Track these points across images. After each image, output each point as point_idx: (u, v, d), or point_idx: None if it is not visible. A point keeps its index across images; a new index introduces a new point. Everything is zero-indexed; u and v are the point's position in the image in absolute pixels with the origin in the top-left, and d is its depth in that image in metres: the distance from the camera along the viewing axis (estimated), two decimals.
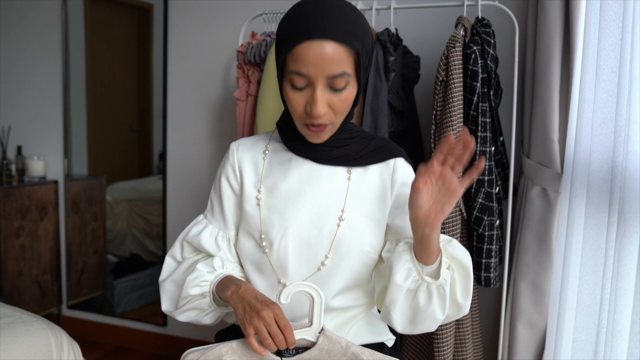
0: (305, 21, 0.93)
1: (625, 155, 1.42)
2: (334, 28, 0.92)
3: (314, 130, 1.00)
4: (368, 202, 1.08)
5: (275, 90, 1.74)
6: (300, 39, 0.93)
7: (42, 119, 2.67)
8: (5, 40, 2.71)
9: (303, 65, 0.93)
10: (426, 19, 1.91)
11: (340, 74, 0.94)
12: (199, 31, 2.28)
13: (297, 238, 1.06)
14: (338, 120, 1.02)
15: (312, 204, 1.07)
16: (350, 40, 0.93)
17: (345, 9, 0.96)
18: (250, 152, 1.14)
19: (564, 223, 1.55)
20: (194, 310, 1.08)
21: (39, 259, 2.59)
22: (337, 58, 0.93)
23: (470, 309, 1.70)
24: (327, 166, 1.08)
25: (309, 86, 0.96)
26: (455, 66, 1.53)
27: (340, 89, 0.96)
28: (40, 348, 1.45)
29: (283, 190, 1.08)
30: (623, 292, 1.43)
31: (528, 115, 1.68)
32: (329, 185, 1.08)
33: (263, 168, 1.11)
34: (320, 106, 0.95)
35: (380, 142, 1.12)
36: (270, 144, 1.14)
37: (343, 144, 1.07)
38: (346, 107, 0.99)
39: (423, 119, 1.90)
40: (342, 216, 1.06)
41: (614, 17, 1.41)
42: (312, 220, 1.06)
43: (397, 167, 1.09)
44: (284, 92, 0.99)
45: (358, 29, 0.95)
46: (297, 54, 0.93)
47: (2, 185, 2.46)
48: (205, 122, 2.32)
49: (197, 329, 2.42)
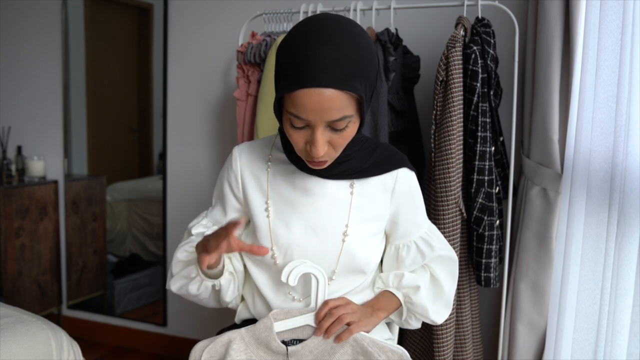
0: (304, 64, 0.87)
1: (625, 155, 1.42)
2: (332, 74, 0.87)
3: (315, 164, 0.99)
4: (370, 216, 1.10)
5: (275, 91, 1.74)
6: (298, 84, 0.88)
7: (42, 119, 2.67)
8: (5, 40, 2.71)
9: (302, 111, 0.90)
10: (426, 19, 1.91)
11: (341, 119, 0.91)
12: (199, 31, 2.28)
13: (301, 252, 1.07)
14: (339, 153, 1.00)
15: (315, 217, 1.07)
16: (351, 85, 0.89)
17: (346, 48, 0.88)
18: (253, 160, 1.13)
19: (564, 223, 1.55)
20: (183, 279, 1.09)
21: (39, 259, 2.59)
22: (337, 105, 0.89)
23: (470, 309, 1.70)
24: (332, 181, 1.08)
25: (309, 127, 0.93)
26: (455, 66, 1.53)
27: (341, 130, 0.94)
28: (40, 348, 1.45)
29: (287, 202, 1.08)
30: (623, 292, 1.43)
31: (528, 115, 1.68)
32: (332, 200, 1.08)
33: (267, 180, 1.11)
34: (320, 148, 0.93)
35: (384, 152, 1.11)
36: (272, 153, 1.13)
37: (346, 158, 1.06)
38: (347, 141, 0.98)
39: (423, 119, 1.90)
40: (346, 231, 1.07)
41: (614, 17, 1.41)
42: (317, 233, 1.07)
43: (399, 179, 1.10)
44: (284, 126, 0.97)
45: (360, 68, 0.90)
46: (296, 99, 0.89)
47: (2, 185, 2.46)
48: (205, 122, 2.32)
49: (197, 328, 2.42)
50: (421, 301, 1.13)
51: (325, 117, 0.90)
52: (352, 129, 0.96)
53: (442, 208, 1.56)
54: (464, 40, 1.58)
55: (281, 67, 0.92)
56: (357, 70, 0.90)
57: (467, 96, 1.57)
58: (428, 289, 1.15)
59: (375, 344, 1.02)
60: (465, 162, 1.61)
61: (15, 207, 2.45)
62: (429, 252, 1.14)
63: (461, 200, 1.58)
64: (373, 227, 1.10)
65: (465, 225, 1.65)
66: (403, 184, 1.11)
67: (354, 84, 0.89)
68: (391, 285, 1.15)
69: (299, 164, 1.07)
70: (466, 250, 1.67)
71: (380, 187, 1.10)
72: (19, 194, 2.47)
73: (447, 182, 1.55)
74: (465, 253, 1.67)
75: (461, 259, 1.66)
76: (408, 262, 1.14)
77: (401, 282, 1.13)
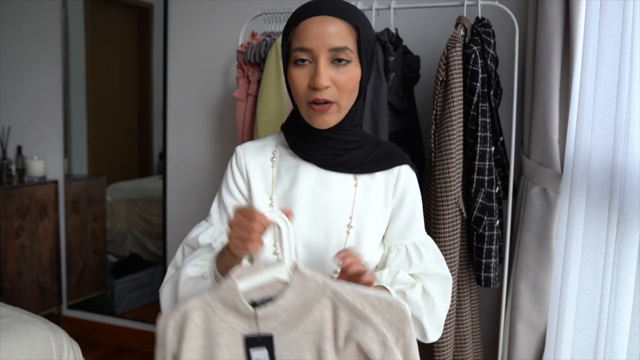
0: (307, 5, 1.00)
1: (625, 155, 1.42)
2: (334, 6, 0.98)
3: (318, 109, 0.99)
4: (373, 211, 1.09)
5: (275, 90, 1.74)
6: (302, 17, 0.98)
7: (42, 119, 2.67)
8: (5, 40, 2.71)
9: (305, 39, 0.97)
10: (426, 19, 1.91)
11: (342, 47, 0.97)
12: (199, 31, 2.28)
13: (305, 245, 1.06)
14: (343, 103, 1.01)
15: (319, 211, 1.07)
16: (350, 18, 0.97)
17: (345, 3, 1.01)
18: (257, 157, 1.12)
19: (564, 223, 1.55)
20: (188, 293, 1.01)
21: (39, 259, 2.58)
22: (339, 31, 0.96)
23: (470, 309, 1.70)
24: (334, 173, 1.08)
25: (312, 62, 0.98)
26: (455, 66, 1.53)
27: (343, 64, 0.98)
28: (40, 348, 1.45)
29: (292, 197, 1.08)
30: (623, 292, 1.43)
31: (528, 115, 1.68)
32: (336, 193, 1.08)
33: (272, 175, 1.10)
34: (323, 78, 0.96)
35: (386, 149, 1.11)
36: (277, 149, 1.13)
37: (350, 147, 1.06)
38: (350, 86, 1.00)
39: (423, 119, 1.90)
40: (350, 223, 1.07)
41: (614, 17, 1.41)
42: (320, 227, 1.06)
43: (401, 175, 1.09)
44: (289, 75, 1.01)
45: (358, 13, 1.00)
46: (300, 31, 0.98)
47: (2, 185, 2.46)
48: (205, 122, 2.32)
49: None
50: (416, 299, 1.04)
51: (327, 42, 0.96)
52: (354, 72, 0.99)
53: (442, 208, 1.56)
54: (464, 40, 1.58)
55: (288, 22, 1.02)
56: (356, 13, 1.00)
57: (467, 96, 1.57)
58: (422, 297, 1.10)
59: (358, 294, 0.87)
60: (465, 162, 1.61)
61: (15, 207, 2.45)
62: (417, 261, 1.08)
63: (461, 200, 1.58)
64: (375, 223, 1.09)
65: (465, 225, 1.65)
66: (405, 182, 1.10)
67: (352, 19, 0.98)
68: (384, 281, 1.06)
69: (302, 149, 1.07)
70: (466, 250, 1.67)
71: (383, 183, 1.09)
72: (19, 194, 2.47)
73: (447, 182, 1.54)
74: (465, 253, 1.67)
75: (461, 259, 1.66)
76: (393, 267, 1.09)
77: (396, 277, 1.06)
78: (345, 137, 1.06)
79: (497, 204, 1.62)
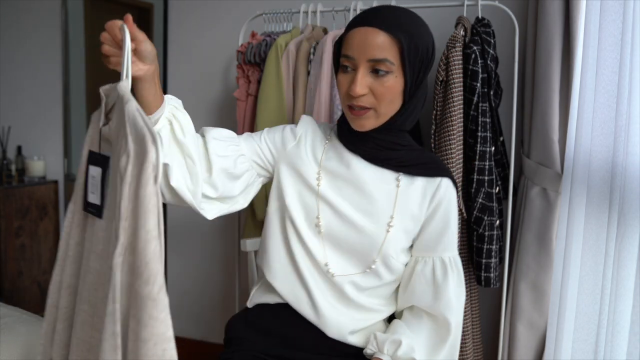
0: (360, 15, 1.04)
1: (625, 155, 1.42)
2: (380, 19, 1.00)
3: (355, 113, 1.04)
4: (410, 214, 1.10)
5: (275, 90, 1.74)
6: (352, 26, 1.03)
7: (42, 119, 2.67)
8: (5, 40, 2.71)
9: (349, 48, 1.02)
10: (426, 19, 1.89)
11: (382, 59, 0.99)
12: (199, 31, 2.28)
13: (346, 223, 1.09)
14: (382, 110, 1.04)
15: (363, 201, 1.09)
16: (395, 31, 0.99)
17: (401, 12, 1.03)
18: (315, 132, 1.18)
19: (564, 223, 1.55)
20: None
21: (39, 259, 2.58)
22: (380, 43, 0.99)
23: (470, 309, 1.70)
24: (378, 168, 1.10)
25: (354, 70, 1.03)
26: (455, 66, 1.53)
27: (382, 75, 1.00)
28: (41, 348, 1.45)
29: (339, 178, 1.11)
30: (623, 292, 1.43)
31: (528, 115, 1.68)
32: (380, 188, 1.10)
33: (323, 153, 1.14)
34: (358, 86, 1.00)
35: (432, 158, 1.14)
36: (331, 135, 1.18)
37: (392, 147, 1.09)
38: (389, 96, 1.02)
39: (423, 119, 1.90)
40: (391, 222, 1.08)
41: (614, 17, 1.41)
42: (364, 216, 1.09)
43: (441, 187, 1.11)
44: (336, 79, 1.07)
45: (409, 25, 1.01)
46: (347, 40, 1.03)
47: (2, 185, 2.46)
48: (205, 122, 2.32)
49: (197, 329, 2.42)
50: None
51: (367, 54, 0.99)
52: (394, 82, 1.02)
53: None
54: (464, 40, 1.58)
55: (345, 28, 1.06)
56: (406, 25, 1.01)
57: (467, 96, 1.57)
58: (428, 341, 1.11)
59: (133, 123, 0.72)
60: (465, 162, 1.61)
61: (15, 207, 2.45)
62: (440, 279, 1.10)
63: (461, 200, 1.58)
64: (410, 226, 1.11)
65: (465, 225, 1.65)
66: (443, 194, 1.11)
67: (397, 32, 0.99)
68: (385, 352, 1.08)
69: (349, 140, 1.11)
70: (466, 250, 1.67)
71: (422, 190, 1.11)
72: (19, 194, 2.47)
73: None
74: (465, 253, 1.67)
75: (461, 259, 1.66)
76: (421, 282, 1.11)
77: (396, 353, 1.07)
78: (388, 137, 1.09)
79: (497, 204, 1.62)
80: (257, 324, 1.18)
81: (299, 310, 1.13)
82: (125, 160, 0.69)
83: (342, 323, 1.11)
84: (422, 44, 1.03)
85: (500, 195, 1.68)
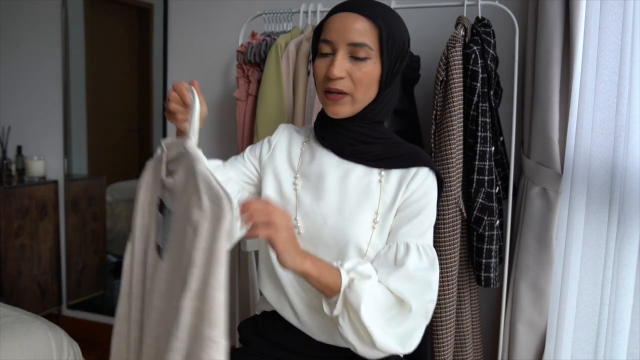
0: (341, 3, 1.06)
1: (625, 155, 1.42)
2: (361, 5, 1.02)
3: (331, 98, 1.04)
4: (386, 209, 1.07)
5: (275, 90, 1.74)
6: (332, 13, 1.05)
7: (42, 119, 2.67)
8: (5, 40, 2.71)
9: (328, 32, 1.03)
10: (426, 19, 1.90)
11: (361, 44, 1.00)
12: (199, 31, 2.28)
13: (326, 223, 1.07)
14: (358, 96, 1.04)
15: (344, 201, 1.07)
16: (375, 17, 1.01)
17: (381, 4, 1.05)
18: (291, 139, 1.19)
19: (564, 223, 1.55)
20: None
21: (39, 259, 2.58)
22: (360, 28, 1.00)
23: (470, 309, 1.70)
24: (356, 164, 1.10)
25: (333, 54, 1.03)
26: (455, 66, 1.53)
27: (361, 60, 1.01)
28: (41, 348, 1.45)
29: (317, 181, 1.10)
30: (623, 292, 1.43)
31: (528, 115, 1.68)
32: (362, 187, 1.08)
33: (300, 159, 1.15)
34: (336, 67, 1.01)
35: (410, 150, 1.11)
36: (310, 137, 1.18)
37: (367, 140, 1.09)
38: (365, 81, 1.03)
39: (423, 119, 1.90)
40: (376, 219, 1.06)
41: (614, 17, 1.41)
42: (345, 215, 1.06)
43: (417, 176, 1.06)
44: (313, 64, 1.08)
45: (387, 15, 1.03)
46: (326, 25, 1.05)
47: (2, 185, 2.45)
48: (205, 122, 2.32)
49: None
50: (361, 290, 0.92)
51: (347, 37, 1.00)
52: (372, 68, 1.02)
53: (442, 208, 1.56)
54: (464, 40, 1.58)
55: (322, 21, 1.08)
56: (384, 14, 1.02)
57: (467, 96, 1.57)
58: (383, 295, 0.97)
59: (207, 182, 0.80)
60: (465, 162, 1.61)
61: (15, 207, 2.45)
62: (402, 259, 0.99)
63: (461, 200, 1.58)
64: (386, 221, 1.07)
65: (465, 225, 1.65)
66: (418, 183, 1.06)
67: (376, 18, 1.01)
68: (345, 266, 0.96)
69: (324, 137, 1.11)
70: (466, 250, 1.67)
71: (397, 183, 1.08)
72: (19, 194, 2.47)
73: (447, 182, 1.55)
74: (465, 253, 1.67)
75: (461, 259, 1.66)
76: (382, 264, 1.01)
77: (356, 267, 0.96)
78: (362, 129, 1.08)
79: (497, 204, 1.62)
80: (262, 331, 1.20)
81: (284, 317, 1.14)
82: (198, 214, 0.79)
83: (325, 327, 1.10)
84: (399, 36, 1.05)
85: (500, 195, 1.68)
